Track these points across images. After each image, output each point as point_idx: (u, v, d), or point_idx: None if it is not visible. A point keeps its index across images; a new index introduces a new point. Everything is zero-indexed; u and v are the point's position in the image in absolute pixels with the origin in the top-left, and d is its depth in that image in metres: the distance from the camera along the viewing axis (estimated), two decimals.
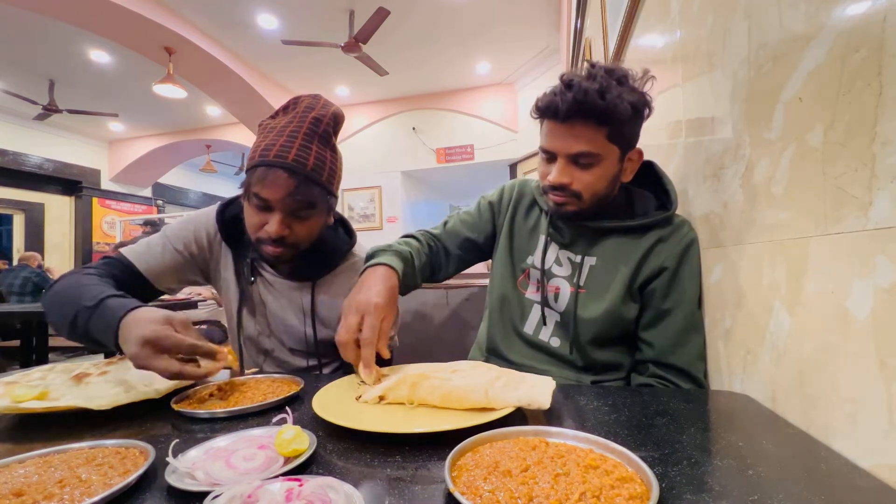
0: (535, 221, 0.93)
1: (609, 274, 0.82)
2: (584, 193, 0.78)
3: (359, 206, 6.97)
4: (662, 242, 0.80)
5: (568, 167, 0.77)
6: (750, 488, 0.36)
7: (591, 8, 2.43)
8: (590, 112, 0.71)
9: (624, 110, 0.71)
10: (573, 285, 0.84)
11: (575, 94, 0.71)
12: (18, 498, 0.36)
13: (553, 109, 0.74)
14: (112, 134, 7.81)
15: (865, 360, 0.40)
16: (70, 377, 0.68)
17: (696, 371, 0.77)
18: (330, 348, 0.98)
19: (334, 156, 0.87)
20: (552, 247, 0.89)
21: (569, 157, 0.76)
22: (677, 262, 0.79)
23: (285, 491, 0.34)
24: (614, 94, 0.71)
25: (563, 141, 0.75)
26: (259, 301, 0.99)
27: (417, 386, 0.58)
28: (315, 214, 0.86)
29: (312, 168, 0.81)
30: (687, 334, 0.78)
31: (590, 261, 0.84)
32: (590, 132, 0.73)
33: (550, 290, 0.87)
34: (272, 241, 0.83)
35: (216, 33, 4.89)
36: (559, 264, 0.87)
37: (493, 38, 5.14)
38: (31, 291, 4.84)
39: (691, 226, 0.83)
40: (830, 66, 0.45)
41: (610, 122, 0.72)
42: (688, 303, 0.79)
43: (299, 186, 0.79)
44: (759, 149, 0.59)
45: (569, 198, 0.79)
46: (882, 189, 0.38)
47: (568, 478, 0.35)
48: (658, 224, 0.81)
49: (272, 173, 0.78)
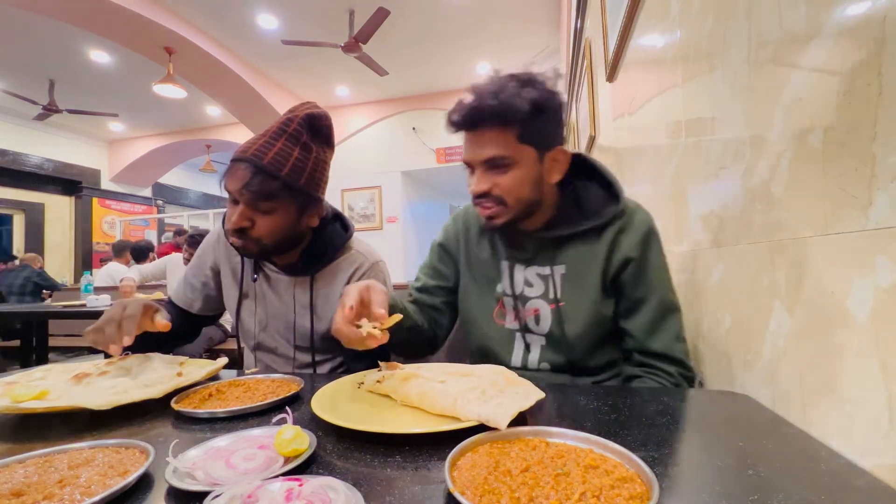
0: (492, 247, 0.90)
1: (581, 279, 0.81)
2: (507, 198, 0.76)
3: (359, 206, 6.98)
4: (622, 234, 0.80)
5: (485, 174, 0.76)
6: (750, 488, 0.35)
7: (591, 8, 2.43)
8: (490, 115, 0.72)
9: (522, 107, 0.70)
10: (551, 301, 0.82)
11: (480, 99, 0.72)
12: (18, 498, 0.36)
13: (458, 120, 0.75)
14: (112, 134, 7.81)
15: (865, 360, 0.40)
16: (70, 377, 0.68)
17: (675, 352, 0.77)
18: (329, 343, 0.99)
19: (305, 154, 0.87)
20: (517, 268, 0.86)
21: (483, 163, 0.76)
22: (640, 251, 0.78)
23: (285, 491, 0.34)
24: (509, 92, 0.71)
25: (474, 148, 0.76)
26: (259, 297, 1.01)
27: (406, 381, 0.60)
28: (278, 209, 0.86)
29: (270, 161, 0.83)
30: (662, 319, 0.78)
31: (559, 270, 0.82)
32: (498, 135, 0.73)
33: (529, 314, 0.84)
34: (233, 231, 0.86)
35: (216, 33, 4.89)
36: (530, 285, 0.84)
37: (493, 38, 5.14)
38: (31, 292, 4.84)
39: (644, 210, 0.82)
40: (830, 66, 0.45)
41: (515, 122, 0.72)
42: (658, 288, 0.78)
43: (254, 178, 0.82)
44: (759, 149, 0.59)
45: (495, 206, 0.77)
46: (882, 189, 0.38)
47: (568, 478, 0.35)
48: (614, 217, 0.80)
49: (233, 166, 0.85)
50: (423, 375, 0.61)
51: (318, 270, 0.98)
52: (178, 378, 0.70)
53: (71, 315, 2.69)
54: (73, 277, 7.33)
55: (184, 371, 0.74)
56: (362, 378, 0.69)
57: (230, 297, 1.03)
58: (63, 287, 5.02)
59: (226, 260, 1.04)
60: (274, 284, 1.00)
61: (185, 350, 2.75)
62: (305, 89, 6.35)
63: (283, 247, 0.92)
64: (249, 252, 0.90)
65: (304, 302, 0.98)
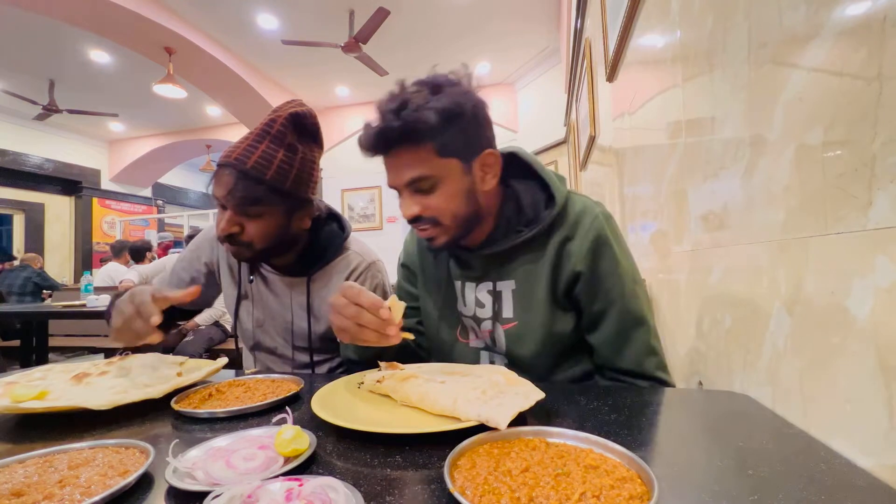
0: (445, 266, 0.86)
1: (531, 294, 0.75)
2: (440, 218, 0.71)
3: (359, 206, 6.97)
4: (570, 242, 0.73)
5: (412, 197, 0.71)
6: (750, 488, 0.35)
7: (591, 8, 2.43)
8: (399, 136, 0.66)
9: (431, 120, 0.64)
10: (503, 321, 0.77)
11: (384, 119, 0.67)
12: (18, 498, 0.36)
13: (368, 146, 0.69)
14: (112, 134, 7.81)
15: (865, 360, 0.40)
16: (70, 377, 0.68)
17: (646, 368, 0.71)
18: (327, 343, 0.99)
19: (291, 156, 0.85)
20: (468, 287, 0.81)
21: (406, 186, 0.70)
22: (588, 263, 0.71)
23: (285, 491, 0.34)
24: (414, 106, 0.65)
25: (393, 172, 0.71)
26: (257, 298, 1.01)
27: (406, 381, 0.60)
28: (266, 213, 0.85)
29: (253, 165, 0.81)
30: (626, 333, 0.72)
31: (509, 285, 0.77)
32: (414, 155, 0.67)
33: (485, 335, 0.80)
34: (224, 238, 0.85)
35: (216, 33, 4.89)
36: (481, 305, 0.80)
37: (493, 39, 5.14)
38: (31, 292, 4.84)
39: (592, 210, 0.74)
40: (830, 66, 0.45)
41: (428, 137, 0.66)
42: (617, 300, 0.71)
43: (238, 183, 0.81)
44: (759, 149, 0.59)
45: (431, 228, 0.72)
46: (882, 189, 0.38)
47: (568, 478, 0.35)
48: (555, 222, 0.73)
49: (218, 172, 0.84)
50: (422, 375, 0.61)
51: (315, 271, 0.98)
52: (177, 378, 0.70)
53: (71, 315, 2.69)
54: (72, 277, 7.33)
55: (184, 371, 0.74)
56: (362, 378, 0.69)
57: (229, 298, 1.04)
58: (63, 287, 5.02)
59: (224, 260, 1.04)
60: (271, 285, 1.00)
61: (185, 350, 2.76)
62: (305, 89, 6.34)
63: (276, 250, 0.91)
64: (243, 257, 0.90)
65: (301, 303, 0.98)
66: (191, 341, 2.88)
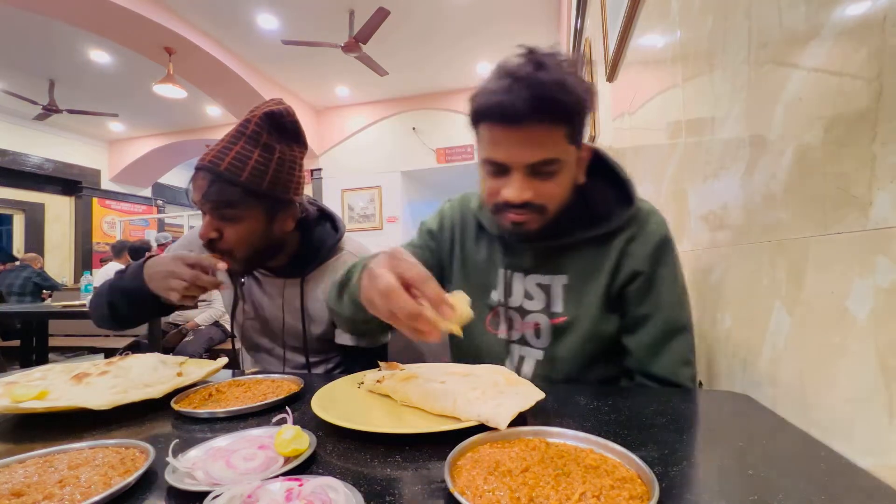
0: (489, 250, 0.81)
1: (584, 291, 0.73)
2: (548, 206, 0.67)
3: (359, 206, 6.98)
4: (633, 242, 0.72)
5: (527, 180, 0.64)
6: (750, 488, 0.35)
7: (591, 8, 2.43)
8: (548, 109, 0.59)
9: (587, 104, 0.61)
10: (552, 315, 0.75)
11: (533, 89, 0.58)
12: (18, 498, 0.36)
13: (505, 111, 0.60)
14: (112, 134, 7.81)
15: (865, 360, 0.40)
16: (70, 377, 0.68)
17: (680, 378, 0.70)
18: (322, 344, 0.99)
19: (267, 155, 0.82)
20: (516, 278, 0.77)
21: (528, 167, 0.63)
22: (651, 264, 0.70)
23: (285, 491, 0.34)
24: (571, 83, 0.60)
25: (520, 149, 0.62)
26: (252, 300, 1.01)
27: (406, 382, 0.60)
28: (244, 216, 0.82)
29: (227, 168, 0.79)
30: (666, 341, 0.71)
31: (561, 280, 0.74)
32: (550, 134, 0.62)
33: (529, 328, 0.77)
34: (206, 244, 0.84)
35: (216, 33, 4.89)
36: (530, 297, 0.76)
37: (493, 38, 5.14)
38: (31, 292, 4.84)
39: (659, 214, 0.74)
40: (830, 66, 0.45)
41: (566, 119, 0.62)
42: (666, 307, 0.71)
43: (211, 186, 0.79)
44: (759, 149, 0.59)
45: (531, 214, 0.67)
46: (882, 189, 0.38)
47: (568, 478, 0.35)
48: (625, 224, 0.72)
49: (195, 176, 0.83)
50: (422, 375, 0.61)
51: (309, 272, 0.96)
52: (178, 378, 0.70)
53: (71, 315, 2.69)
54: (72, 277, 7.33)
55: (184, 371, 0.74)
56: (362, 378, 0.69)
57: (227, 298, 1.03)
58: (63, 287, 5.02)
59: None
60: (264, 287, 1.00)
61: (185, 350, 2.76)
62: (305, 89, 6.35)
63: (260, 256, 0.89)
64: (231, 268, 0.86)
65: (294, 304, 0.97)
66: (191, 341, 2.89)
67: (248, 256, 0.86)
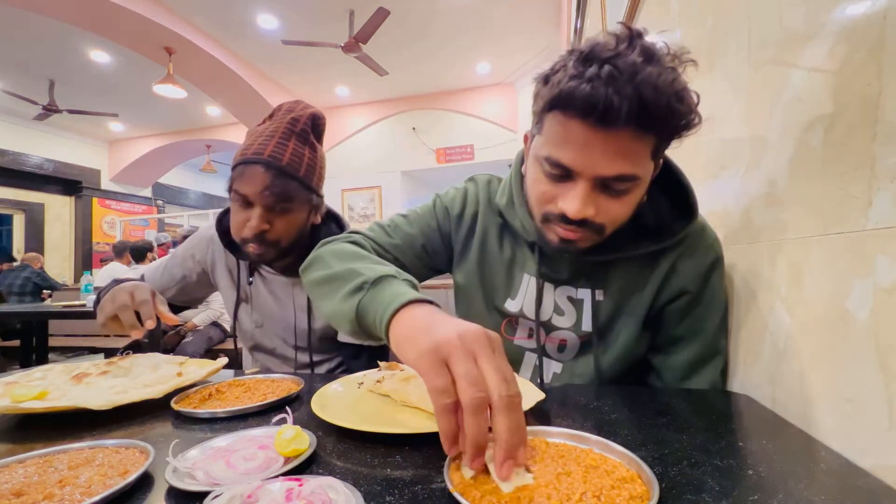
0: (514, 252, 0.72)
1: (624, 309, 0.67)
2: (608, 227, 0.58)
3: (359, 206, 6.98)
4: (683, 259, 0.65)
5: (593, 194, 0.54)
6: (750, 488, 0.35)
7: (591, 8, 2.43)
8: (657, 119, 0.49)
9: (695, 120, 0.51)
10: (583, 334, 0.69)
11: (641, 88, 0.46)
12: (18, 498, 0.36)
13: (600, 109, 0.48)
14: (112, 134, 7.81)
15: (865, 360, 0.40)
16: (70, 377, 0.68)
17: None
18: (326, 342, 1.00)
19: (314, 154, 0.89)
20: (547, 289, 0.69)
21: (599, 179, 0.53)
22: (700, 284, 0.65)
23: (285, 491, 0.34)
24: (685, 89, 0.50)
25: (598, 157, 0.51)
26: (256, 300, 1.01)
27: (406, 382, 0.60)
28: (294, 209, 0.88)
29: (288, 162, 0.84)
30: (699, 366, 0.66)
31: (597, 295, 0.67)
32: (636, 146, 0.51)
33: (553, 342, 0.71)
34: (254, 237, 0.85)
35: (216, 33, 4.89)
36: (560, 312, 0.69)
37: (493, 39, 5.14)
38: (31, 292, 4.84)
39: (712, 231, 0.68)
40: (830, 66, 0.45)
41: (669, 134, 0.52)
42: (706, 331, 0.66)
43: (275, 180, 0.83)
44: (759, 149, 0.59)
45: (586, 233, 0.58)
46: (882, 189, 0.38)
47: (568, 478, 0.35)
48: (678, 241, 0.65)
49: (249, 169, 0.83)
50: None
51: None
52: (178, 378, 0.70)
53: (71, 315, 2.69)
54: (73, 277, 7.33)
55: (184, 371, 0.74)
56: (362, 378, 0.69)
57: (227, 299, 1.04)
58: (63, 287, 5.02)
59: (220, 261, 1.03)
60: (271, 286, 1.00)
61: (185, 350, 2.76)
62: (305, 89, 6.34)
63: (294, 247, 0.92)
64: (266, 257, 0.89)
65: (301, 303, 0.98)
66: (190, 341, 2.88)
67: (287, 247, 0.90)
